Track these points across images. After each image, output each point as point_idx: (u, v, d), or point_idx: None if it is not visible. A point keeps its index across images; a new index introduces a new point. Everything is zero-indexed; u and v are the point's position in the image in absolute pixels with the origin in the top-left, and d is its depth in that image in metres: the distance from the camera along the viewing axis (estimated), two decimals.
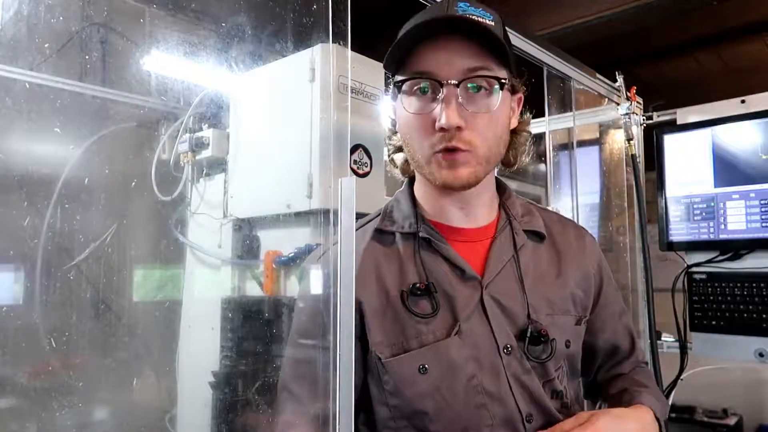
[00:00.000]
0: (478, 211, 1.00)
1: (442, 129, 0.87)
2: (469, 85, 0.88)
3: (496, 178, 1.06)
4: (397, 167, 1.08)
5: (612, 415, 0.92)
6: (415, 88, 0.90)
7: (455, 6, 0.89)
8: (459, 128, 0.87)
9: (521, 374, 0.92)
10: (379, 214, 1.04)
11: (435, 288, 0.92)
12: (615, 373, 1.13)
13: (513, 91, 0.97)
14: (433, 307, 0.91)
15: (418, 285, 0.92)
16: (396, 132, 1.02)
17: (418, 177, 1.03)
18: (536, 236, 1.03)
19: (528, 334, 0.92)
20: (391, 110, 1.02)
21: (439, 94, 0.87)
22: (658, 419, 0.98)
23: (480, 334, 0.92)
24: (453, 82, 0.87)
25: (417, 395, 0.90)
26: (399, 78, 0.92)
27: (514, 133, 1.01)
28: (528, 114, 1.04)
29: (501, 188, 1.06)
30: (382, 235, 1.00)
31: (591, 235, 1.13)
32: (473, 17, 0.88)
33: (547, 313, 0.96)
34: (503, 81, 0.90)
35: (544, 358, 0.93)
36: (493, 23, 0.90)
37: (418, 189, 1.02)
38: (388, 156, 1.10)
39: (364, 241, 0.99)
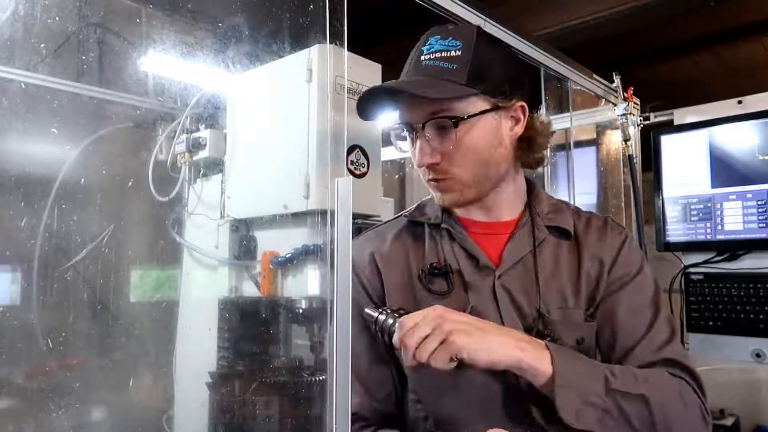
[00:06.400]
0: (499, 209, 1.06)
1: (418, 166, 0.99)
2: (436, 125, 0.96)
3: (525, 178, 1.11)
4: None
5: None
6: (396, 133, 1.04)
7: (423, 47, 0.97)
8: (432, 164, 0.97)
9: None
10: (407, 212, 1.13)
11: (451, 269, 1.00)
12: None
13: (497, 107, 0.98)
14: (448, 286, 0.99)
15: (435, 264, 1.00)
16: None
17: None
18: (561, 233, 1.05)
19: (534, 330, 0.95)
20: None
21: (414, 136, 0.99)
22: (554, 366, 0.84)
23: (491, 320, 0.94)
24: (419, 125, 0.96)
25: (432, 371, 0.92)
26: (386, 126, 1.08)
27: (523, 139, 1.03)
28: (544, 117, 1.08)
29: (530, 187, 1.11)
30: (412, 225, 1.10)
31: (619, 230, 1.08)
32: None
33: (560, 306, 0.98)
34: (456, 120, 0.94)
35: None
36: (459, 53, 0.94)
37: None
38: None
39: (397, 228, 1.10)
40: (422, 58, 0.96)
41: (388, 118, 1.08)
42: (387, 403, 0.99)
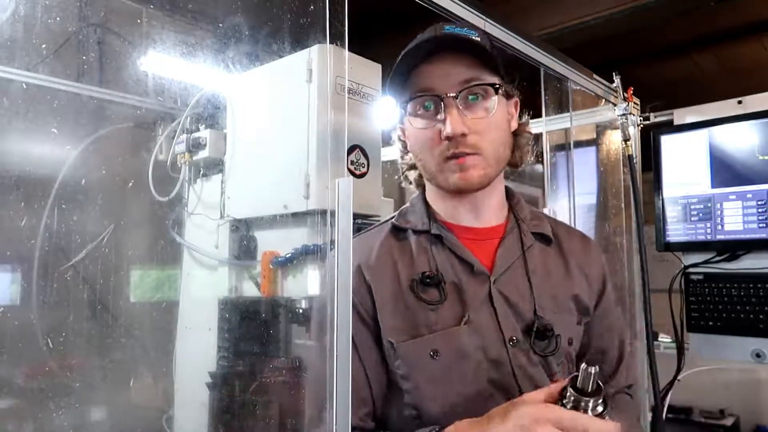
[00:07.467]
0: (488, 213, 1.05)
1: (448, 138, 0.94)
2: (468, 96, 0.95)
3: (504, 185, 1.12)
4: (411, 183, 1.15)
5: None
6: (419, 105, 0.98)
7: (442, 29, 0.97)
8: (463, 135, 0.94)
9: (528, 366, 0.95)
10: (391, 219, 1.09)
11: (443, 278, 0.97)
12: None
13: (508, 96, 1.03)
14: (440, 296, 0.96)
15: (427, 273, 0.97)
16: (407, 152, 1.09)
17: (429, 185, 1.08)
18: (543, 239, 1.08)
19: (534, 329, 0.96)
20: (400, 132, 1.09)
21: (441, 107, 0.95)
22: None
23: (487, 326, 0.95)
24: (452, 94, 0.94)
25: (428, 380, 0.94)
26: (402, 100, 1.00)
27: (515, 135, 1.07)
28: (527, 116, 1.10)
29: (509, 194, 1.12)
30: (397, 231, 1.06)
31: (597, 245, 1.17)
32: (460, 36, 0.96)
33: (554, 311, 1.00)
34: (497, 86, 0.97)
35: (548, 352, 0.96)
36: (479, 39, 0.97)
37: (431, 194, 1.08)
38: (402, 173, 1.16)
39: (381, 236, 1.05)
40: (448, 34, 0.96)
41: (390, 117, 1.06)
42: (367, 421, 0.98)
